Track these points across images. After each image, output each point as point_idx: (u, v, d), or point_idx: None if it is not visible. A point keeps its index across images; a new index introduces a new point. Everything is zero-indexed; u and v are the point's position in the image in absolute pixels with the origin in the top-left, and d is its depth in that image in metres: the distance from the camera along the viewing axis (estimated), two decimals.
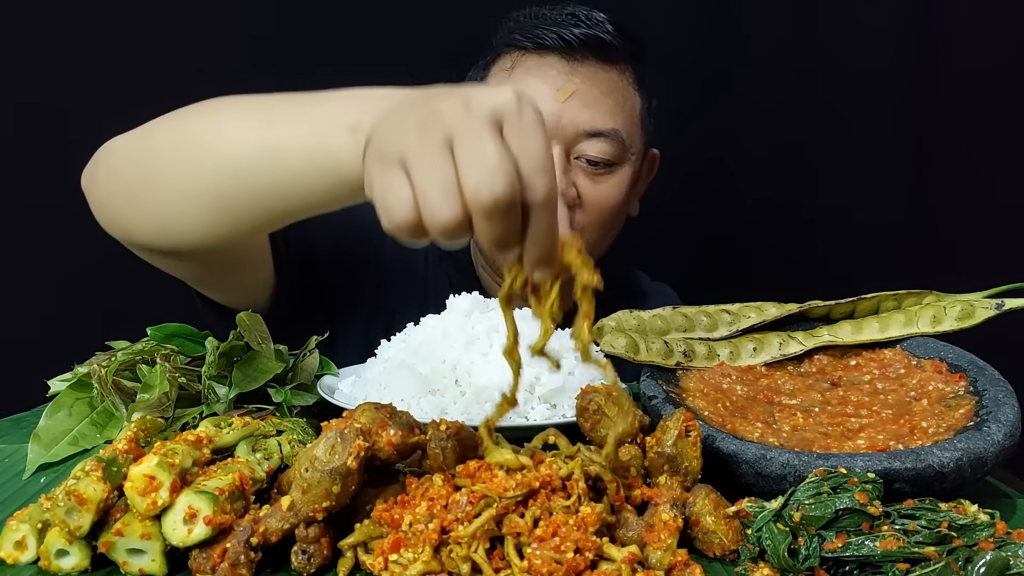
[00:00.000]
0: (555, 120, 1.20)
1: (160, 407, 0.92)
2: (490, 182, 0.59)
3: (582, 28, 1.22)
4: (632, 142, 1.27)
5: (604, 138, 1.21)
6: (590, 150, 1.21)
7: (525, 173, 0.61)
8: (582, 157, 1.22)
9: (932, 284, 1.07)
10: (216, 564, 0.64)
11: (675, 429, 0.74)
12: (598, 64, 1.22)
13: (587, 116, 1.21)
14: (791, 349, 1.01)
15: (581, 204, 1.23)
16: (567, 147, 1.21)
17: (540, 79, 1.21)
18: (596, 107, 1.21)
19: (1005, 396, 0.85)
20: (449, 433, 0.70)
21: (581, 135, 1.21)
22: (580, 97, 1.20)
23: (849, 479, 0.69)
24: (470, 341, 1.01)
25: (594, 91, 1.21)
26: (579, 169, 1.23)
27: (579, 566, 0.61)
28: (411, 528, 0.64)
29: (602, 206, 1.24)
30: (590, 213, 1.24)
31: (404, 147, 0.62)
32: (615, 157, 1.23)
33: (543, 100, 1.20)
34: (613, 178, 1.25)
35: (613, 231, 1.32)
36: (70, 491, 0.64)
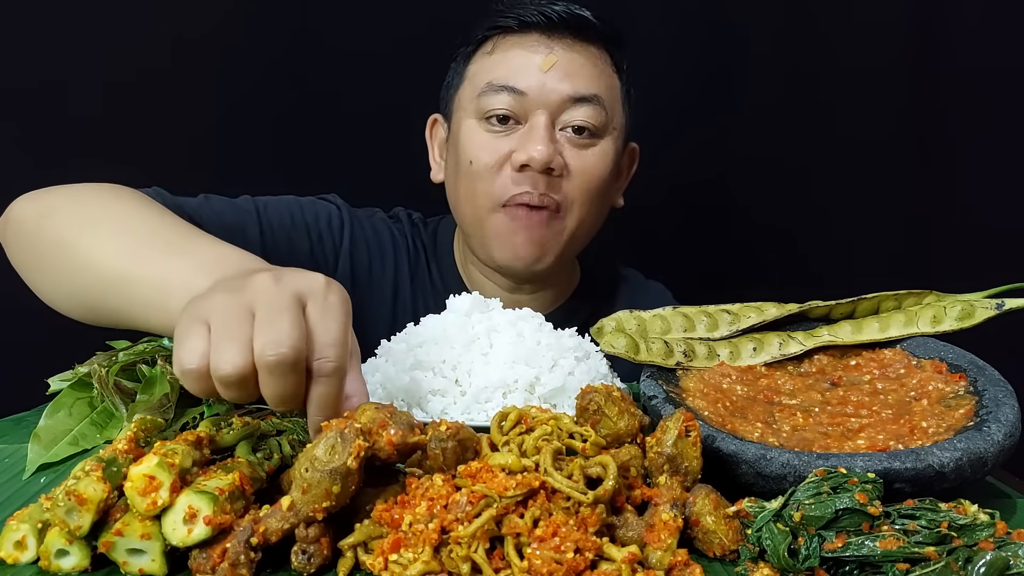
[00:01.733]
0: (539, 89, 1.23)
1: (160, 407, 0.92)
2: (276, 343, 0.68)
3: (561, 7, 1.26)
4: (614, 115, 1.29)
5: (587, 103, 1.24)
6: (574, 116, 1.24)
7: (318, 345, 0.70)
8: (567, 127, 1.25)
9: (932, 284, 1.07)
10: (216, 564, 0.64)
11: (675, 429, 0.74)
12: (576, 40, 1.27)
13: (569, 83, 1.24)
14: (791, 349, 1.01)
15: (568, 173, 1.25)
16: (552, 117, 1.24)
17: (521, 53, 1.25)
18: (578, 75, 1.24)
19: (1005, 396, 0.85)
20: (449, 433, 0.70)
21: (566, 101, 1.23)
22: (561, 67, 1.24)
23: (849, 479, 0.69)
24: (470, 341, 1.01)
25: (575, 61, 1.25)
26: (565, 140, 1.25)
27: (579, 566, 0.61)
28: (411, 528, 0.64)
29: (588, 176, 1.26)
30: (577, 183, 1.26)
31: (210, 309, 0.71)
32: (598, 125, 1.26)
33: (527, 72, 1.23)
34: (597, 149, 1.27)
35: (599, 211, 1.32)
36: (70, 491, 0.64)
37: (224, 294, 0.72)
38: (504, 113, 1.24)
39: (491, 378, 0.96)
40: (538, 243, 1.26)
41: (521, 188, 1.23)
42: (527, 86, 1.23)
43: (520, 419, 0.75)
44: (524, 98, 1.23)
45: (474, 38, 1.31)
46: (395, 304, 1.38)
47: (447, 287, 1.39)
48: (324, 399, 0.71)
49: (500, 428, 0.75)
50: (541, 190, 1.23)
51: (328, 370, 0.71)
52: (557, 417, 0.75)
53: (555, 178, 1.24)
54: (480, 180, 1.26)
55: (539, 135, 1.21)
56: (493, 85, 1.25)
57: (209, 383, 0.70)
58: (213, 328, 0.70)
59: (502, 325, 1.03)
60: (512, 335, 1.01)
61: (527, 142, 1.22)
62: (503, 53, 1.27)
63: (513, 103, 1.23)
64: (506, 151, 1.24)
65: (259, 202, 1.31)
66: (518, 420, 0.75)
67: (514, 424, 0.75)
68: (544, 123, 1.22)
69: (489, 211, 1.26)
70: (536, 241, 1.26)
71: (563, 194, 1.25)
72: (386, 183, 1.56)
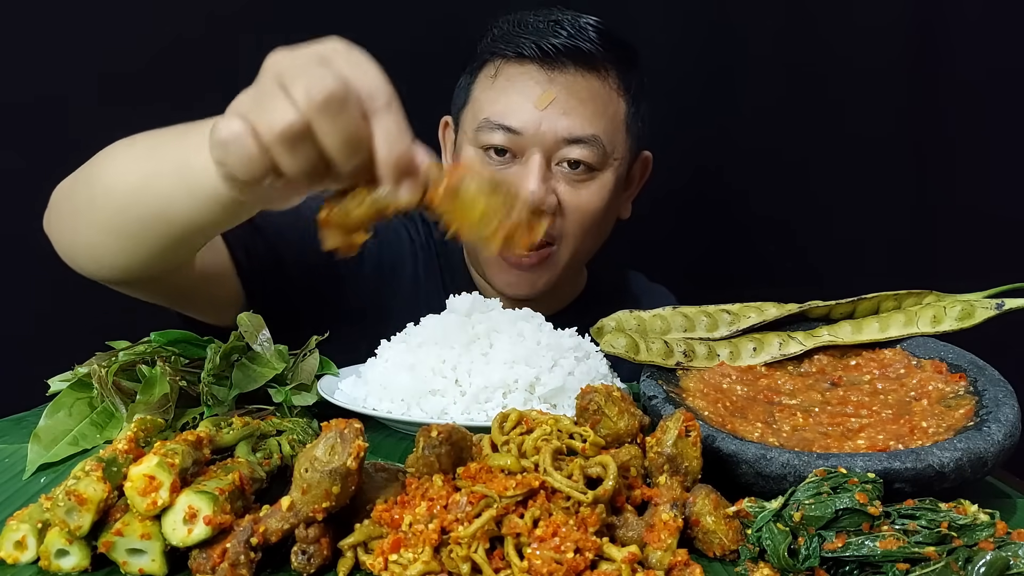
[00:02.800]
0: (535, 128, 1.21)
1: (160, 407, 0.92)
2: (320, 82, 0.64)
3: (562, 37, 1.22)
4: (615, 148, 1.27)
5: (584, 144, 1.22)
6: (571, 154, 1.23)
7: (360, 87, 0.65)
8: (563, 162, 1.23)
9: (932, 284, 1.07)
10: (216, 564, 0.64)
11: (675, 429, 0.74)
12: (578, 71, 1.23)
13: (566, 123, 1.21)
14: (791, 349, 1.01)
15: (562, 212, 1.25)
16: (547, 155, 1.23)
17: (519, 89, 1.23)
18: (575, 114, 1.22)
19: (1005, 396, 0.85)
20: (441, 438, 0.70)
21: (561, 142, 1.22)
22: (559, 105, 1.21)
23: (849, 479, 0.69)
24: (470, 341, 1.01)
25: (573, 99, 1.22)
26: (560, 176, 1.24)
27: (579, 566, 0.61)
28: (411, 528, 0.64)
29: (583, 212, 1.25)
30: (571, 219, 1.26)
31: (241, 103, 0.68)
32: (595, 162, 1.24)
33: (523, 110, 1.21)
34: (594, 184, 1.26)
35: (599, 236, 1.33)
36: (70, 491, 0.64)
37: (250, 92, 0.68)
38: (500, 147, 1.23)
39: (491, 378, 0.96)
40: (530, 282, 1.29)
41: None
42: (522, 125, 1.21)
43: (520, 420, 0.75)
44: (520, 136, 1.22)
45: (479, 56, 1.29)
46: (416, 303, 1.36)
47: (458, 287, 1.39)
48: (390, 131, 0.66)
49: (501, 429, 0.75)
50: None
51: (382, 103, 0.66)
52: (557, 418, 0.75)
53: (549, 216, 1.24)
54: None
55: (531, 176, 1.21)
56: (490, 122, 1.23)
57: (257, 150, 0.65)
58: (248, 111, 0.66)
59: (502, 325, 1.03)
60: (512, 335, 1.02)
61: (520, 180, 1.21)
62: (504, 83, 1.25)
63: (509, 140, 1.22)
64: None
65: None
66: (518, 421, 0.75)
67: (515, 425, 0.75)
68: (538, 162, 1.21)
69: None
70: (528, 280, 1.29)
71: (556, 229, 1.26)
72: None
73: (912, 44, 1.88)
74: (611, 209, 1.31)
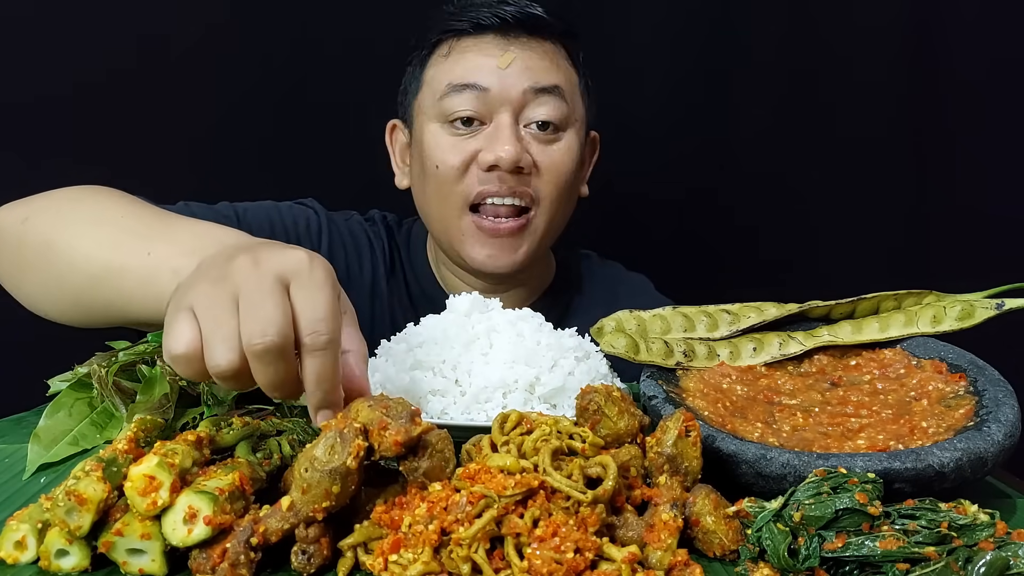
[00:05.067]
0: (500, 87, 1.24)
1: (160, 407, 0.92)
2: (262, 331, 0.68)
3: (514, 7, 1.28)
4: (575, 107, 1.30)
5: (548, 95, 1.26)
6: (537, 112, 1.25)
7: (307, 322, 0.69)
8: (531, 123, 1.26)
9: (932, 284, 1.07)
10: (216, 564, 0.64)
11: (675, 429, 0.74)
12: (531, 37, 1.28)
13: (530, 76, 1.25)
14: (791, 349, 1.01)
15: (538, 171, 1.27)
16: (515, 113, 1.25)
17: (478, 53, 1.26)
18: (537, 69, 1.26)
19: (1005, 396, 0.85)
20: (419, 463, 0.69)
21: (528, 94, 1.25)
22: (519, 62, 1.25)
23: (849, 479, 0.69)
24: (470, 341, 1.01)
25: (532, 57, 1.27)
26: (530, 136, 1.26)
27: (579, 566, 0.61)
28: (411, 529, 0.64)
29: (557, 171, 1.27)
30: (546, 180, 1.27)
31: (196, 299, 0.71)
32: (561, 118, 1.27)
33: (486, 72, 1.25)
34: (562, 143, 1.28)
35: (569, 205, 1.34)
36: (70, 491, 0.64)
37: (208, 284, 0.72)
38: (468, 115, 1.25)
39: (491, 378, 0.96)
40: (510, 252, 1.29)
41: (489, 187, 1.24)
42: (489, 83, 1.24)
43: (520, 420, 0.75)
44: (487, 95, 1.24)
45: (428, 41, 1.32)
46: (373, 305, 1.38)
47: (422, 288, 1.41)
48: (320, 373, 0.70)
49: (501, 429, 0.75)
50: (511, 186, 1.24)
51: (321, 343, 0.70)
52: (557, 419, 0.75)
53: (524, 175, 1.25)
54: (448, 183, 1.27)
55: (505, 134, 1.22)
56: (454, 85, 1.25)
57: (200, 366, 0.70)
58: (201, 321, 0.70)
59: (502, 325, 1.03)
60: (512, 335, 1.01)
61: (493, 142, 1.23)
62: (459, 55, 1.28)
63: (476, 102, 1.24)
64: (472, 152, 1.25)
65: (238, 208, 1.32)
66: (518, 421, 0.75)
67: (515, 425, 0.75)
68: (508, 121, 1.24)
69: (459, 214, 1.28)
70: (507, 251, 1.28)
71: (533, 190, 1.27)
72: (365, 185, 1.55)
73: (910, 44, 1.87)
74: (577, 177, 1.33)
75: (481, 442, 0.75)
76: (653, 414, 0.88)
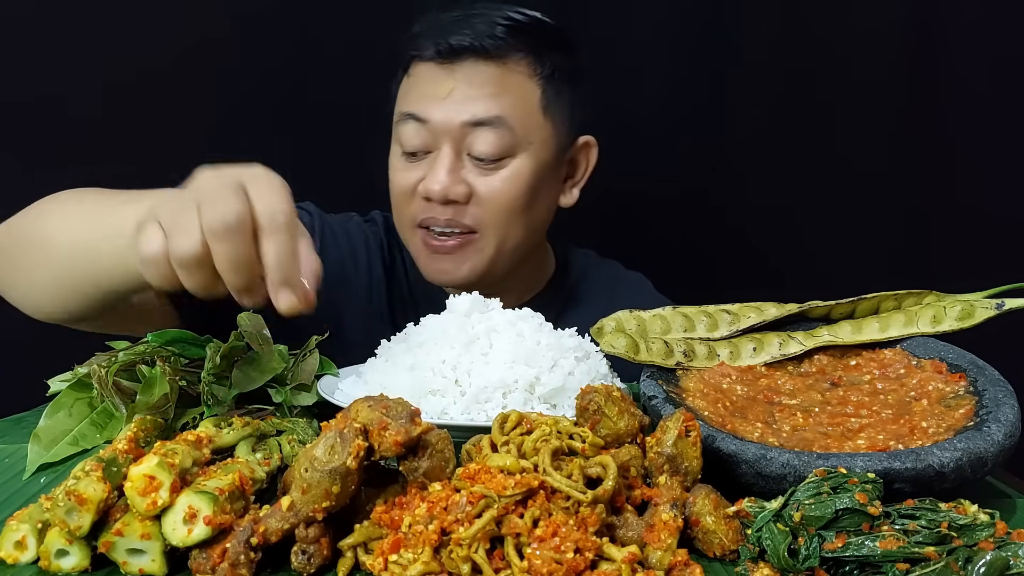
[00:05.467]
0: (441, 119, 1.25)
1: (160, 408, 0.92)
2: (222, 215, 0.75)
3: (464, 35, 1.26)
4: (527, 131, 1.28)
5: (488, 127, 1.25)
6: (477, 144, 1.25)
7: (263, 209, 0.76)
8: (472, 153, 1.26)
9: (932, 284, 1.06)
10: (216, 564, 0.64)
11: (675, 429, 0.74)
12: (478, 61, 1.26)
13: (469, 109, 1.25)
14: (791, 349, 1.01)
15: (478, 201, 1.27)
16: (456, 144, 1.25)
17: (424, 82, 1.27)
18: (477, 99, 1.25)
19: (1005, 396, 0.85)
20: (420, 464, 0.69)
21: (466, 127, 1.25)
22: (460, 92, 1.25)
23: (849, 479, 0.69)
24: (470, 341, 1.01)
25: (473, 86, 1.25)
26: (471, 165, 1.27)
27: (579, 566, 0.61)
28: (411, 529, 0.64)
29: (498, 199, 1.27)
30: (487, 208, 1.27)
31: (162, 211, 0.78)
32: (504, 149, 1.26)
33: (429, 103, 1.25)
34: (506, 171, 1.27)
35: (529, 223, 1.32)
36: (70, 491, 0.64)
37: (171, 196, 0.80)
38: (412, 148, 1.27)
39: (491, 378, 0.96)
40: (456, 267, 1.30)
41: (429, 214, 1.28)
42: (429, 115, 1.25)
43: (520, 421, 0.75)
44: (428, 126, 1.26)
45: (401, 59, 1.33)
46: (369, 305, 1.40)
47: (423, 288, 1.41)
48: (279, 252, 0.76)
49: (501, 429, 0.75)
50: (448, 216, 1.27)
51: (278, 224, 0.76)
52: (557, 419, 0.75)
53: (461, 206, 1.27)
54: (399, 204, 1.31)
55: (439, 168, 1.25)
56: (402, 114, 1.28)
57: (167, 268, 0.77)
58: (165, 222, 0.77)
59: (502, 325, 1.03)
60: (512, 335, 1.02)
61: (430, 174, 1.25)
62: (413, 81, 1.30)
63: (420, 133, 1.26)
64: (416, 179, 1.28)
65: None
66: (519, 422, 0.75)
67: (515, 425, 0.75)
68: (447, 154, 1.25)
69: (412, 230, 1.31)
70: (454, 265, 1.30)
71: (473, 219, 1.28)
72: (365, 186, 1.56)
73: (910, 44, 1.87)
74: (537, 195, 1.31)
75: (481, 442, 0.75)
76: (653, 414, 0.88)
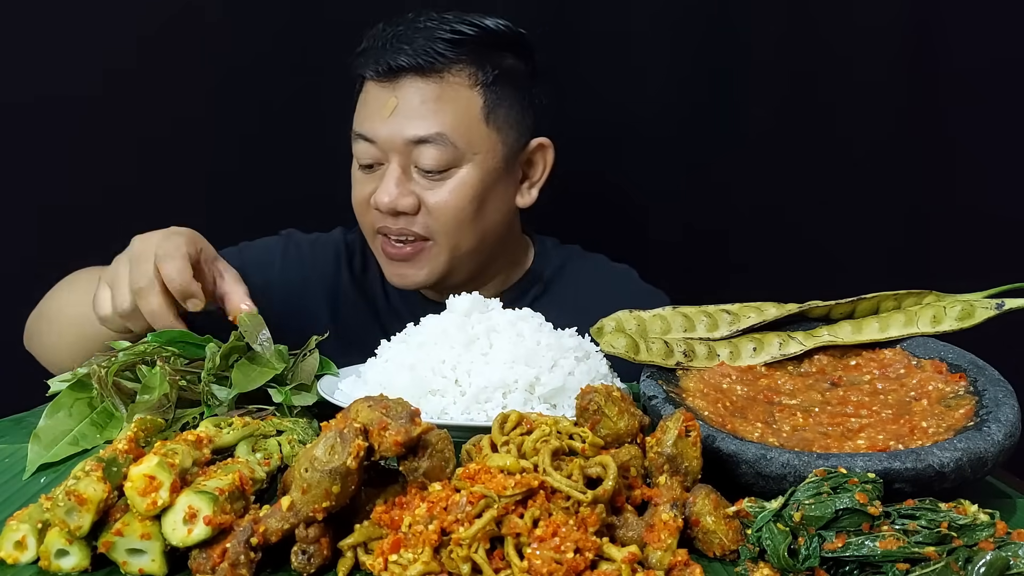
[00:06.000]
0: (386, 137, 1.30)
1: (160, 408, 0.92)
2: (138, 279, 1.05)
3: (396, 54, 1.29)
4: (470, 142, 1.31)
5: (429, 144, 1.29)
6: (422, 159, 1.29)
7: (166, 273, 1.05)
8: (418, 166, 1.31)
9: (932, 284, 1.06)
10: (216, 564, 0.64)
11: (675, 429, 0.74)
12: (416, 77, 1.30)
13: (410, 126, 1.29)
14: (791, 349, 1.01)
15: (428, 211, 1.31)
16: (403, 159, 1.30)
17: (371, 100, 1.32)
18: (417, 116, 1.29)
19: (1005, 396, 0.85)
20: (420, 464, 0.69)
21: (409, 144, 1.29)
22: (401, 110, 1.29)
23: (849, 479, 0.69)
24: (470, 341, 1.01)
25: (414, 103, 1.29)
26: (418, 178, 1.31)
27: (579, 566, 0.61)
28: (411, 529, 0.64)
29: (445, 209, 1.31)
30: (436, 217, 1.32)
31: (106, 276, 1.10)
32: (447, 161, 1.30)
33: (375, 122, 1.30)
34: (451, 181, 1.31)
35: (483, 228, 1.36)
36: (70, 491, 0.64)
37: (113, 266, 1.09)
38: (367, 162, 1.33)
39: (491, 378, 0.96)
40: (414, 271, 1.35)
41: (382, 223, 1.33)
42: (375, 134, 1.30)
43: (521, 421, 0.75)
44: (375, 145, 1.31)
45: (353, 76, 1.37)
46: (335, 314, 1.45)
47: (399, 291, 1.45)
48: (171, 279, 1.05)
49: (501, 429, 0.75)
50: (400, 226, 1.32)
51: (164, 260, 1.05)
52: (557, 420, 0.75)
53: (411, 216, 1.31)
54: (358, 212, 1.38)
55: (387, 182, 1.30)
56: (355, 134, 1.34)
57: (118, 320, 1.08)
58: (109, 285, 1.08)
59: (502, 325, 1.03)
60: (512, 335, 1.02)
61: (380, 187, 1.31)
62: (363, 98, 1.34)
63: (370, 150, 1.32)
64: (370, 191, 1.33)
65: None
66: (519, 422, 0.75)
67: (515, 426, 0.75)
68: (394, 168, 1.30)
69: (372, 235, 1.37)
70: (413, 270, 1.35)
71: (423, 228, 1.32)
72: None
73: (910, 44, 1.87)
74: (486, 201, 1.34)
75: (481, 442, 0.75)
76: (653, 414, 0.88)
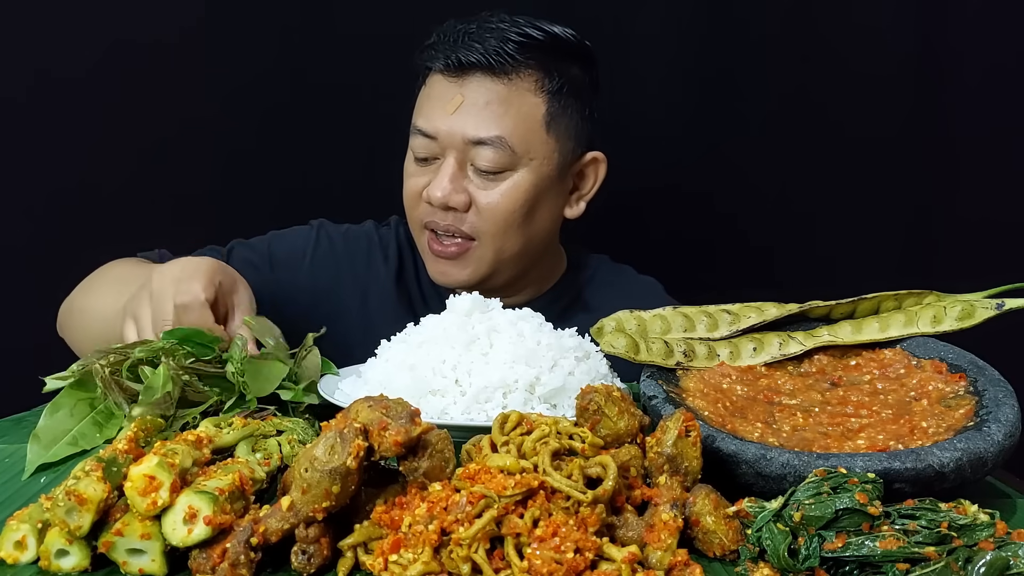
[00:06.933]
0: (447, 133, 1.30)
1: (161, 406, 0.92)
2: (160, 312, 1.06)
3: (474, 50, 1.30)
4: (528, 147, 1.31)
5: (488, 146, 1.30)
6: (478, 159, 1.30)
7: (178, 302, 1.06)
8: (474, 166, 1.31)
9: (932, 284, 1.06)
10: (216, 564, 0.64)
11: (675, 429, 0.74)
12: (484, 76, 1.31)
13: (472, 126, 1.30)
14: (791, 349, 1.01)
15: (477, 210, 1.32)
16: (459, 158, 1.31)
17: (436, 96, 1.33)
18: (480, 116, 1.30)
19: (1005, 396, 0.85)
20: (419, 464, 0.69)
21: (469, 144, 1.30)
22: (466, 108, 1.30)
23: (849, 479, 0.69)
24: (470, 341, 1.01)
25: (478, 103, 1.30)
26: (472, 176, 1.32)
27: (579, 566, 0.61)
28: (411, 529, 0.64)
29: (495, 210, 1.32)
30: (485, 217, 1.32)
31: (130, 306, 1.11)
32: (503, 164, 1.31)
33: (436, 118, 1.31)
34: (505, 184, 1.32)
35: (528, 233, 1.36)
36: (70, 491, 0.64)
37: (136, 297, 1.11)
38: (423, 156, 1.33)
39: (491, 378, 0.96)
40: (458, 271, 1.36)
41: (432, 218, 1.34)
42: (435, 130, 1.31)
43: (521, 421, 0.75)
44: (434, 141, 1.31)
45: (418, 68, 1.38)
46: (365, 307, 1.45)
47: (434, 288, 1.44)
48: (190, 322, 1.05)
49: (501, 429, 0.75)
50: (448, 222, 1.33)
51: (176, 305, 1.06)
52: (557, 420, 0.75)
53: (460, 213, 1.32)
54: (410, 205, 1.38)
55: (441, 176, 1.31)
56: (414, 127, 1.34)
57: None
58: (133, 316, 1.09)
59: (502, 325, 1.03)
60: (512, 335, 1.02)
61: (434, 180, 1.31)
62: (427, 92, 1.35)
63: (428, 145, 1.32)
64: (423, 184, 1.34)
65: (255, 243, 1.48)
66: (519, 422, 0.75)
67: (515, 426, 0.75)
68: (450, 164, 1.31)
69: (420, 230, 1.38)
70: (456, 269, 1.36)
71: (471, 227, 1.33)
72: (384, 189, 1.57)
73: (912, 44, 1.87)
74: (537, 208, 1.35)
75: (481, 442, 0.75)
76: (653, 414, 0.88)
